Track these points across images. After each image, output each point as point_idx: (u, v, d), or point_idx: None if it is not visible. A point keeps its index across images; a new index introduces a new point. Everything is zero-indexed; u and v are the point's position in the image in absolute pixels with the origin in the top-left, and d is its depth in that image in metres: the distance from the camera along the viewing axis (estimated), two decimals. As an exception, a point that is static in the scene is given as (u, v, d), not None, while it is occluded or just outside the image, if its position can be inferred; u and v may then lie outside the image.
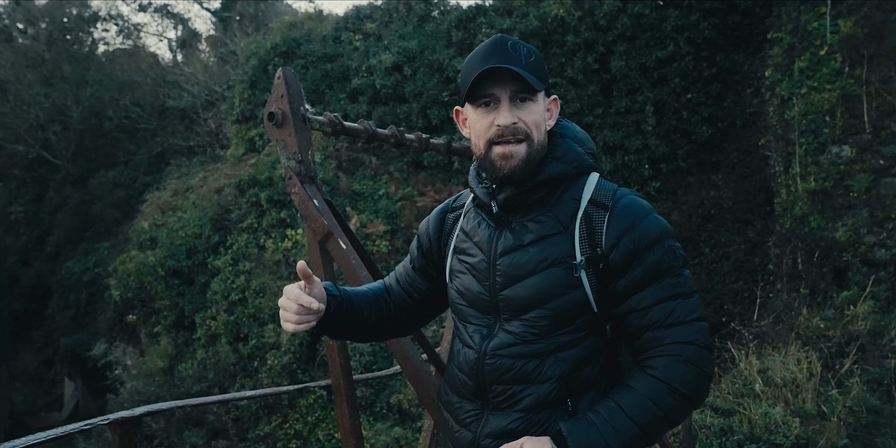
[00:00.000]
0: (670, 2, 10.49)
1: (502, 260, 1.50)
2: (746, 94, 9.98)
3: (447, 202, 1.76)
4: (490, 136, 1.48)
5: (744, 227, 9.18)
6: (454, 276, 1.62)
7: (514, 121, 1.45)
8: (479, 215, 1.59)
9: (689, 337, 1.42)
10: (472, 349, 1.54)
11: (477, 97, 1.48)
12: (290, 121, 2.28)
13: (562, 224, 1.49)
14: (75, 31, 24.85)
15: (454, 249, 1.63)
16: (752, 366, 4.93)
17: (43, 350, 19.97)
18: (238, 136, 14.95)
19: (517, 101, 1.47)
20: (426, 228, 1.74)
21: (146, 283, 12.71)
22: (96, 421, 1.66)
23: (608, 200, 1.49)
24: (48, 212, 20.86)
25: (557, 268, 1.46)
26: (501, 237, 1.52)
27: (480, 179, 1.57)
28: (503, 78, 1.44)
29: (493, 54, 1.45)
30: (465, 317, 1.59)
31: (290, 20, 16.05)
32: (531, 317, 1.47)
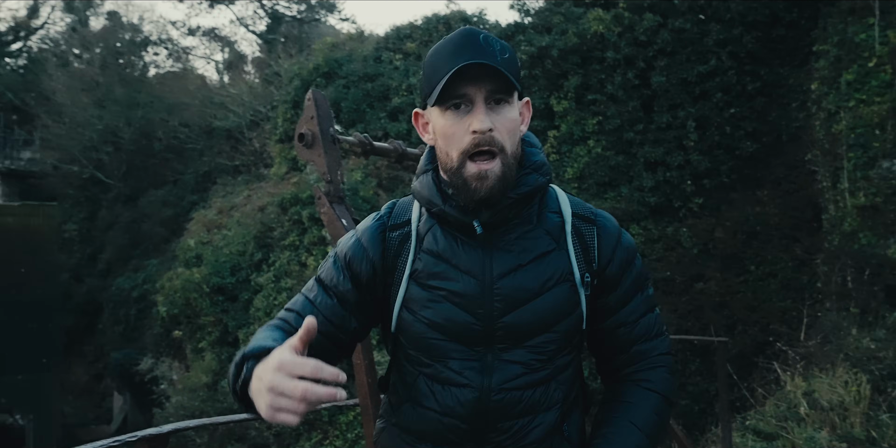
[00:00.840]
0: (712, 16, 10.37)
1: (502, 283, 1.33)
2: (792, 108, 9.77)
3: (377, 218, 1.45)
4: (465, 147, 1.27)
5: (790, 244, 8.93)
6: (419, 307, 1.35)
7: (490, 126, 1.26)
8: (448, 233, 1.36)
9: (667, 348, 1.47)
10: (467, 388, 1.33)
11: (447, 98, 1.28)
12: (320, 142, 2.32)
13: (554, 240, 1.37)
14: (128, 56, 25.80)
15: (413, 275, 1.37)
16: (798, 388, 4.76)
17: (94, 364, 20.51)
18: (281, 155, 15.24)
19: (492, 103, 1.28)
20: (361, 253, 1.39)
21: (191, 300, 12.97)
22: (125, 437, 1.69)
23: (589, 214, 1.43)
24: (100, 230, 21.53)
25: (561, 287, 1.36)
26: (495, 257, 1.34)
27: (445, 195, 1.34)
28: (477, 76, 1.25)
29: (465, 49, 1.26)
30: (444, 353, 1.35)
31: (331, 41, 16.38)
32: (537, 342, 1.34)
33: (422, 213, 1.42)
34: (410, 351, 1.39)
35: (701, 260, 9.38)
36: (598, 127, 10.51)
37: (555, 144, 10.83)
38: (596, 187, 10.39)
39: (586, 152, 10.53)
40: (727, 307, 8.88)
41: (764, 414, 4.68)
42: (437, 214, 1.37)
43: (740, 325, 8.69)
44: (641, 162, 10.16)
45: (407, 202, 1.47)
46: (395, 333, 1.41)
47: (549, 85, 11.03)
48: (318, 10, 28.73)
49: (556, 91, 10.96)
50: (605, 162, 10.36)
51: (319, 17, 28.79)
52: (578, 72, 10.78)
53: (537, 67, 11.04)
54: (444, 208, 1.34)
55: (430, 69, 1.32)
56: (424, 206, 1.39)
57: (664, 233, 9.74)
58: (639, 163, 10.18)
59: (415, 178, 1.44)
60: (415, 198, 1.42)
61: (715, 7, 10.29)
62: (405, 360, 1.41)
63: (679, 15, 10.41)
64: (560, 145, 10.80)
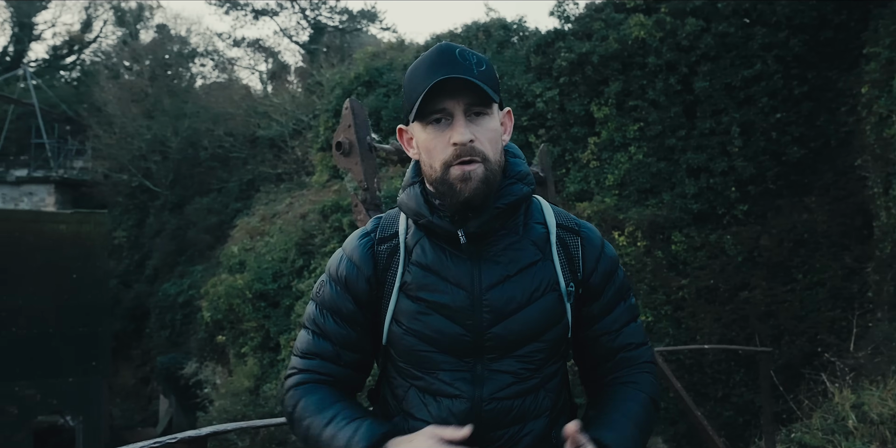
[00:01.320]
0: (757, 19, 10.18)
1: (490, 294, 1.35)
2: (841, 112, 9.51)
3: (363, 234, 1.46)
4: (447, 158, 1.30)
5: (840, 252, 8.67)
6: (409, 319, 1.37)
7: (470, 138, 1.29)
8: (436, 245, 1.38)
9: (651, 356, 1.50)
10: (458, 399, 1.35)
11: (427, 113, 1.30)
12: (357, 150, 2.34)
13: (540, 250, 1.40)
14: (175, 67, 26.51)
15: (402, 287, 1.38)
16: (847, 400, 4.60)
17: (141, 367, 21.01)
18: (322, 163, 15.44)
19: (472, 116, 1.31)
20: (356, 272, 1.41)
21: (234, 306, 13.20)
22: (164, 439, 1.73)
23: (573, 224, 1.46)
24: (148, 237, 22.08)
25: (548, 297, 1.38)
26: (483, 268, 1.36)
27: (432, 206, 1.37)
28: (455, 90, 1.28)
29: (441, 65, 1.29)
30: (434, 364, 1.36)
31: (372, 50, 16.56)
32: (526, 352, 1.37)
33: (409, 225, 1.43)
34: (401, 363, 1.41)
35: (745, 268, 9.17)
36: (640, 133, 10.39)
37: (595, 151, 10.74)
38: (637, 194, 10.25)
39: (627, 159, 10.41)
40: (773, 317, 8.66)
41: (810, 426, 4.54)
42: (425, 226, 1.38)
43: (787, 335, 8.46)
44: (684, 168, 10.00)
45: (393, 215, 1.48)
46: (386, 346, 1.43)
47: (589, 91, 10.95)
48: (360, 20, 29.09)
49: (597, 97, 10.87)
50: (647, 168, 10.22)
51: (361, 26, 29.15)
52: (619, 78, 10.68)
53: (577, 74, 10.98)
54: (431, 219, 1.36)
55: (409, 86, 1.34)
56: (412, 218, 1.40)
57: (707, 240, 9.55)
58: (681, 169, 10.02)
59: (401, 191, 1.45)
60: (401, 210, 1.44)
61: (760, 10, 10.09)
62: (395, 373, 1.43)
63: (723, 19, 10.24)
64: (601, 152, 10.70)
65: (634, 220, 9.81)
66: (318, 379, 1.42)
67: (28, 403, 15.93)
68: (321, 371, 1.42)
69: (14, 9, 31.52)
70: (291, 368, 1.47)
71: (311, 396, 1.39)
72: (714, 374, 8.66)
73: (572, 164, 11.04)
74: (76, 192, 25.67)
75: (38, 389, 16.02)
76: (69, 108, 27.95)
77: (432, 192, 1.38)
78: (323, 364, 1.42)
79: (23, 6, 31.55)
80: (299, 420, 1.39)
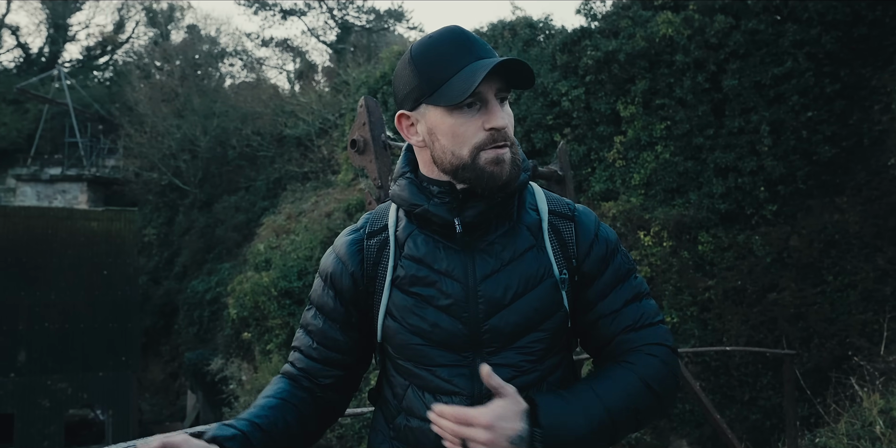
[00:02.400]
0: (788, 16, 9.97)
1: (485, 285, 1.30)
2: (874, 110, 9.28)
3: (353, 230, 1.43)
4: (478, 142, 1.26)
5: (872, 254, 8.46)
6: (404, 314, 1.33)
7: (506, 124, 1.26)
8: (428, 237, 1.34)
9: (659, 338, 1.36)
10: (457, 396, 1.30)
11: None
12: (372, 148, 2.34)
13: (534, 236, 1.35)
14: (205, 67, 26.86)
15: (395, 282, 1.34)
16: (875, 405, 4.48)
17: (169, 363, 21.35)
18: (348, 162, 15.52)
19: (499, 101, 1.28)
20: (341, 268, 1.39)
21: (260, 303, 13.33)
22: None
23: (567, 210, 1.41)
24: (177, 234, 22.42)
25: (545, 284, 1.33)
26: (476, 259, 1.32)
27: (429, 195, 1.33)
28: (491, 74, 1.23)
29: (469, 48, 1.25)
30: (430, 360, 1.32)
31: (398, 49, 16.60)
32: (525, 343, 1.31)
33: (399, 218, 1.40)
34: (399, 360, 1.37)
35: (774, 269, 9.00)
36: (667, 132, 10.26)
37: (621, 150, 10.63)
38: (663, 194, 10.13)
39: (654, 158, 10.29)
40: (803, 319, 8.49)
41: (836, 431, 4.43)
42: (420, 216, 1.33)
43: (816, 337, 8.29)
44: (711, 168, 9.85)
45: (383, 209, 1.45)
46: (382, 342, 1.40)
47: (615, 90, 10.85)
48: (387, 20, 29.21)
49: (623, 96, 10.77)
50: (674, 168, 10.10)
51: (388, 26, 29.27)
52: (646, 76, 10.56)
53: (604, 72, 10.88)
54: (427, 208, 1.31)
55: (427, 67, 1.27)
56: (405, 209, 1.36)
57: (735, 241, 9.40)
58: (709, 168, 9.87)
59: (392, 183, 1.42)
60: (393, 202, 1.39)
61: (791, 6, 9.90)
62: (395, 371, 1.40)
63: (753, 16, 10.06)
64: (627, 151, 10.60)
65: (660, 220, 9.70)
66: (290, 372, 1.44)
67: (60, 397, 16.28)
68: (296, 365, 1.44)
69: (49, 10, 32.21)
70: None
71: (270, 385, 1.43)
72: (741, 376, 8.53)
73: (598, 163, 10.94)
74: (108, 190, 26.17)
75: (70, 383, 16.37)
76: (102, 108, 28.50)
77: (429, 180, 1.34)
78: (300, 357, 1.44)
79: (58, 8, 32.23)
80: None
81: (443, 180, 1.33)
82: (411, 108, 1.33)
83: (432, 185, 1.34)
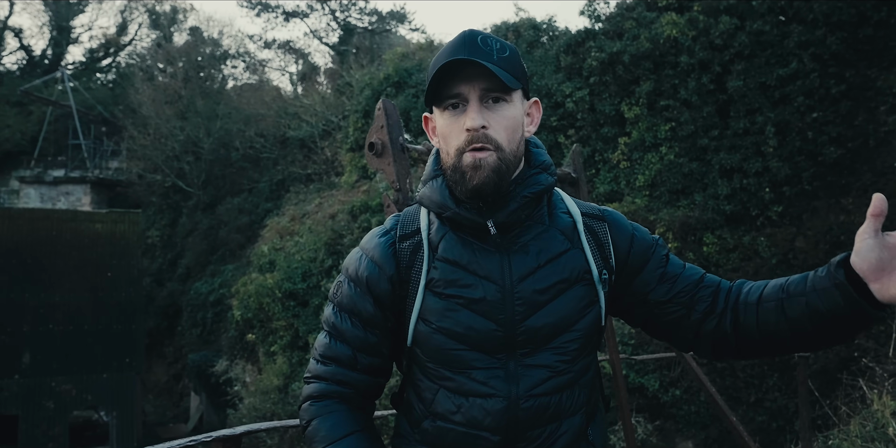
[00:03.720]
0: (793, 17, 9.97)
1: (522, 286, 1.30)
2: (880, 111, 9.27)
3: (383, 232, 1.41)
4: (460, 145, 1.27)
5: (879, 255, 8.45)
6: (437, 317, 1.31)
7: (482, 124, 1.25)
8: (462, 239, 1.33)
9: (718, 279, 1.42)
10: (494, 398, 1.29)
11: (443, 98, 1.28)
12: (390, 150, 2.34)
13: (568, 239, 1.37)
14: (208, 69, 26.89)
15: (429, 285, 1.33)
16: (886, 407, 4.48)
17: (173, 365, 21.35)
18: (351, 163, 15.53)
19: (488, 102, 1.27)
20: (377, 272, 1.36)
21: (264, 304, 13.33)
22: (201, 437, 1.75)
23: (597, 211, 1.44)
24: (180, 236, 22.44)
25: (579, 285, 1.34)
26: (512, 260, 1.32)
27: (457, 199, 1.32)
28: (471, 75, 1.25)
29: (460, 49, 1.26)
30: (465, 363, 1.31)
31: (401, 51, 16.61)
32: (559, 343, 1.32)
33: (431, 220, 1.39)
34: (429, 364, 1.34)
35: (780, 271, 8.99)
36: (671, 133, 10.26)
37: (626, 151, 10.63)
38: (668, 195, 10.13)
39: (658, 159, 10.29)
40: (809, 320, 8.47)
41: (848, 433, 4.42)
42: (451, 218, 1.33)
43: (823, 339, 8.27)
44: (716, 169, 9.85)
45: (413, 212, 1.44)
46: (411, 347, 1.37)
47: (619, 91, 10.85)
48: (389, 21, 29.22)
49: (628, 97, 10.77)
50: (679, 169, 10.09)
51: (390, 27, 29.28)
52: (651, 77, 10.56)
53: (608, 74, 10.88)
54: (458, 211, 1.31)
55: (429, 71, 1.31)
56: (435, 211, 1.35)
57: (740, 242, 9.39)
58: (714, 170, 9.87)
59: (421, 185, 1.42)
60: (422, 204, 1.39)
61: (796, 7, 9.89)
62: (422, 375, 1.37)
63: (758, 17, 10.06)
64: (631, 152, 10.59)
65: (665, 222, 9.69)
66: (335, 391, 1.37)
67: (64, 398, 16.29)
68: (338, 379, 1.37)
69: (52, 12, 32.27)
70: (309, 373, 1.42)
71: (325, 419, 1.35)
72: (747, 378, 8.51)
73: (602, 164, 10.94)
74: (111, 192, 26.21)
75: (74, 385, 16.38)
76: (105, 110, 28.54)
77: None
78: (339, 370, 1.37)
79: (61, 10, 32.28)
80: (310, 441, 1.35)
81: None
82: (430, 110, 1.37)
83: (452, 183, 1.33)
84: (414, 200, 1.47)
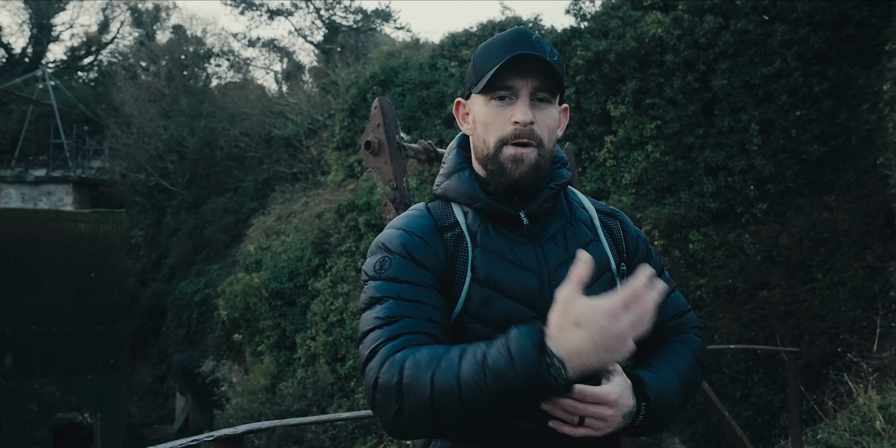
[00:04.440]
0: (777, 16, 10.07)
1: (558, 274, 1.32)
2: (862, 109, 9.40)
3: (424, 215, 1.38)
4: (504, 135, 1.30)
5: (861, 251, 8.57)
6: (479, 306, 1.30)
7: (532, 119, 1.29)
8: (498, 230, 1.35)
9: (696, 323, 1.51)
10: None
11: (494, 88, 1.31)
12: (386, 149, 2.35)
13: (591, 231, 1.42)
14: (192, 67, 26.67)
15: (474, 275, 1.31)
16: (872, 401, 4.55)
17: (158, 366, 21.19)
18: (338, 162, 15.48)
19: (535, 100, 1.31)
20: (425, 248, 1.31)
21: (251, 304, 13.27)
22: (203, 437, 1.75)
23: (609, 209, 1.51)
24: (165, 236, 22.26)
25: (605, 276, 1.39)
26: (547, 251, 1.35)
27: (486, 190, 1.35)
28: (527, 70, 1.29)
29: (519, 44, 1.30)
30: None
31: (387, 50, 16.58)
32: None
33: (465, 212, 1.38)
34: None
35: (765, 267, 9.09)
36: (657, 131, 10.33)
37: (612, 149, 10.69)
38: (654, 193, 10.20)
39: (644, 157, 10.35)
40: (794, 316, 8.58)
41: (836, 427, 4.49)
42: (482, 209, 1.35)
43: (807, 334, 8.37)
44: (702, 167, 9.93)
45: (440, 207, 1.42)
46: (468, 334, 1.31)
47: (605, 90, 10.91)
48: (374, 20, 29.15)
49: (614, 96, 10.82)
50: (664, 167, 10.17)
51: (375, 26, 29.21)
52: (636, 76, 10.62)
53: (594, 72, 10.93)
54: (489, 201, 1.34)
55: (480, 60, 1.35)
56: (465, 202, 1.36)
57: (725, 239, 9.48)
58: (699, 168, 9.95)
59: (444, 178, 1.43)
60: (449, 198, 1.40)
61: (780, 7, 10.00)
62: None
63: (742, 16, 10.15)
64: (617, 150, 10.65)
65: (652, 219, 9.76)
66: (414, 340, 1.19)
67: (48, 400, 16.12)
68: (413, 330, 1.21)
69: (33, 10, 31.86)
70: (372, 344, 1.21)
71: (416, 353, 1.16)
72: (733, 374, 8.60)
73: (589, 162, 10.99)
74: (94, 192, 25.93)
75: (58, 386, 16.21)
76: (87, 109, 28.24)
77: (480, 178, 1.38)
78: (413, 322, 1.22)
79: (41, 8, 31.89)
80: (415, 381, 1.13)
81: None
82: (466, 96, 1.42)
83: (487, 183, 1.37)
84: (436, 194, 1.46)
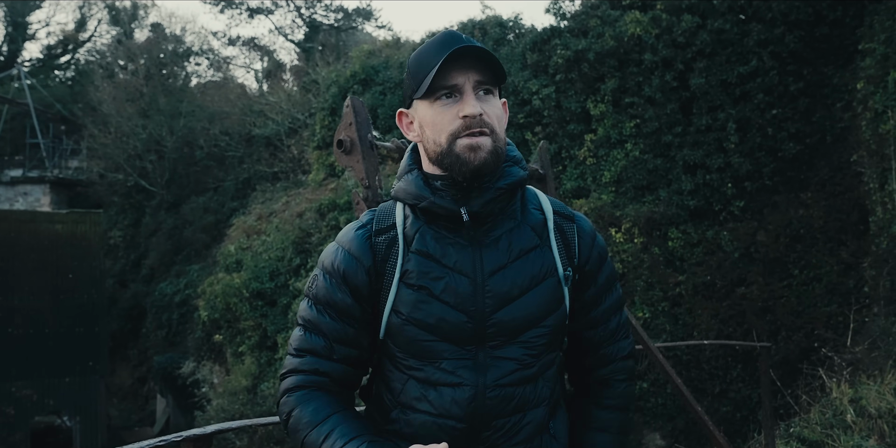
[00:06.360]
0: (753, 16, 10.19)
1: (493, 280, 1.34)
2: (836, 108, 9.54)
3: (360, 226, 1.43)
4: (455, 129, 1.31)
5: (836, 248, 8.70)
6: (409, 309, 1.34)
7: (480, 111, 1.30)
8: (436, 233, 1.37)
9: (629, 350, 1.53)
10: (461, 387, 1.33)
11: (437, 89, 1.31)
12: (358, 148, 2.35)
13: (538, 235, 1.41)
14: (171, 66, 26.41)
15: (403, 277, 1.36)
16: (845, 395, 4.62)
17: (138, 367, 20.98)
18: (319, 161, 15.42)
19: (480, 93, 1.33)
20: (354, 264, 1.37)
21: (231, 305, 13.18)
22: (171, 437, 1.74)
23: (568, 212, 1.49)
24: (144, 236, 22.03)
25: (547, 282, 1.38)
26: (484, 254, 1.35)
27: (433, 188, 1.36)
28: (467, 65, 1.30)
29: (452, 42, 1.31)
30: (435, 354, 1.34)
31: (368, 48, 16.53)
32: (528, 338, 1.36)
33: (406, 215, 1.41)
34: (399, 355, 1.38)
35: (742, 264, 9.20)
36: (636, 130, 10.40)
37: (591, 148, 10.75)
38: (633, 191, 10.27)
39: (624, 156, 10.43)
40: (770, 312, 8.69)
41: (809, 421, 4.55)
42: (426, 209, 1.37)
43: (784, 330, 8.49)
44: (680, 165, 10.02)
45: (388, 207, 1.46)
46: (383, 339, 1.40)
47: (585, 88, 10.96)
48: (355, 18, 29.05)
49: (593, 95, 10.88)
50: (643, 165, 10.24)
51: (356, 24, 29.11)
52: (615, 75, 10.68)
53: (573, 71, 10.98)
54: (433, 200, 1.34)
55: (416, 66, 1.35)
56: (411, 203, 1.38)
57: (704, 236, 9.58)
58: (677, 166, 10.04)
59: (396, 180, 1.45)
60: (397, 199, 1.42)
61: (756, 6, 10.11)
62: (391, 366, 1.41)
63: (718, 15, 10.25)
64: (597, 149, 10.72)
65: (631, 217, 9.83)
66: (313, 381, 1.37)
67: (25, 404, 15.90)
68: (315, 369, 1.37)
69: (7, 8, 31.38)
70: (285, 368, 1.42)
71: (305, 406, 1.34)
72: (711, 370, 8.69)
73: (569, 161, 11.05)
74: (71, 192, 25.59)
75: (36, 389, 16.00)
76: (64, 108, 27.87)
77: (432, 176, 1.38)
78: (316, 361, 1.37)
79: (16, 5, 31.41)
80: (294, 431, 1.34)
81: (444, 174, 1.37)
82: (407, 105, 1.41)
83: (435, 180, 1.37)
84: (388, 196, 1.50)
